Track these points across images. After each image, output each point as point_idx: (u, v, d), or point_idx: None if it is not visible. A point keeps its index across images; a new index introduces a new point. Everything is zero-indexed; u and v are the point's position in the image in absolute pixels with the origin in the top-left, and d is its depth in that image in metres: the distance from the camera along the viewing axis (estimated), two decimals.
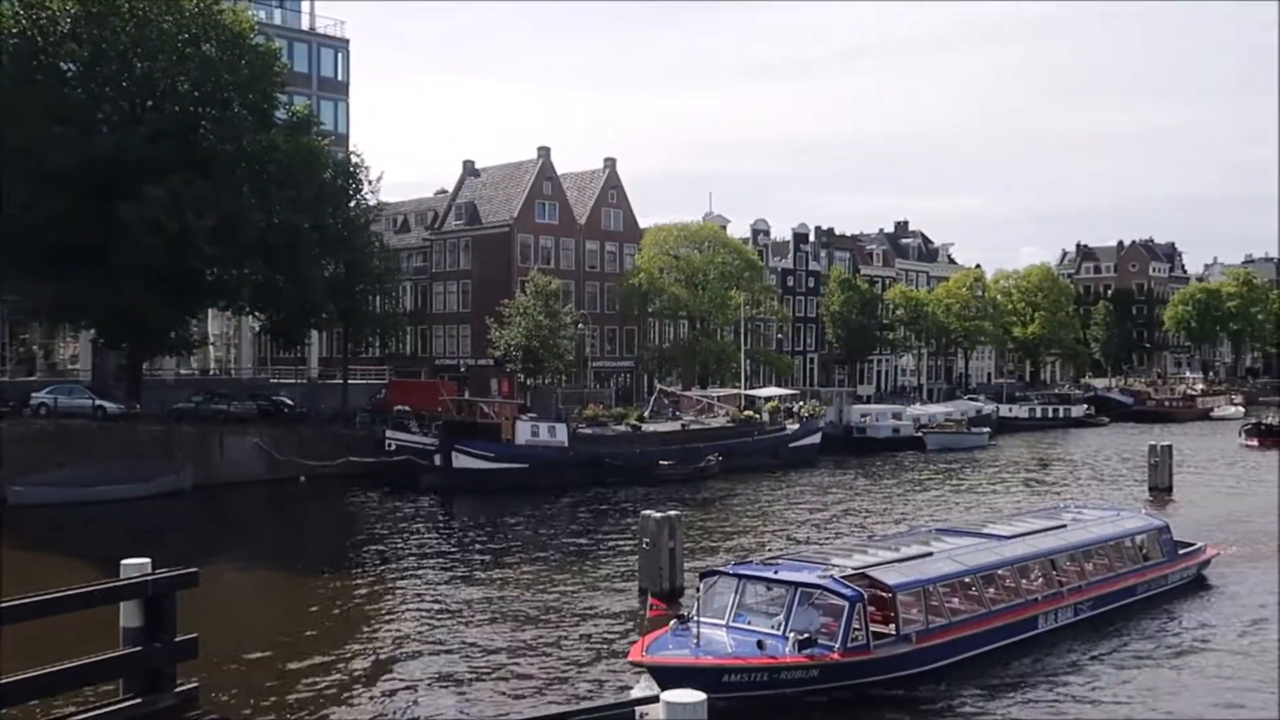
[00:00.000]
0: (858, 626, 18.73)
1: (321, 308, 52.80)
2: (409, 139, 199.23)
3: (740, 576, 20.01)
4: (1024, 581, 23.18)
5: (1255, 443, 69.69)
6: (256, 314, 56.28)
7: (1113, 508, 32.19)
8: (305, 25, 71.16)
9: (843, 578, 19.47)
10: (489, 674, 20.68)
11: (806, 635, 18.23)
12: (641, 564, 26.06)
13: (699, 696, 11.22)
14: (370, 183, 57.01)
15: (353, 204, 56.44)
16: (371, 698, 19.63)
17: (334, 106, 70.30)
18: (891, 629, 19.64)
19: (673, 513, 26.42)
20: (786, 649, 18.06)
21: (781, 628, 18.68)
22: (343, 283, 54.49)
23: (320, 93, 69.41)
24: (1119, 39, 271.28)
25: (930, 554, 22.26)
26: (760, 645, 18.00)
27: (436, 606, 26.38)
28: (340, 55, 72.01)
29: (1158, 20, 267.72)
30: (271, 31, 63.17)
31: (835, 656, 18.34)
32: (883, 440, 70.42)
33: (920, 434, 71.61)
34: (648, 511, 26.49)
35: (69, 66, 46.31)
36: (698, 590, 20.89)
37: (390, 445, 51.21)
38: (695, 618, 19.03)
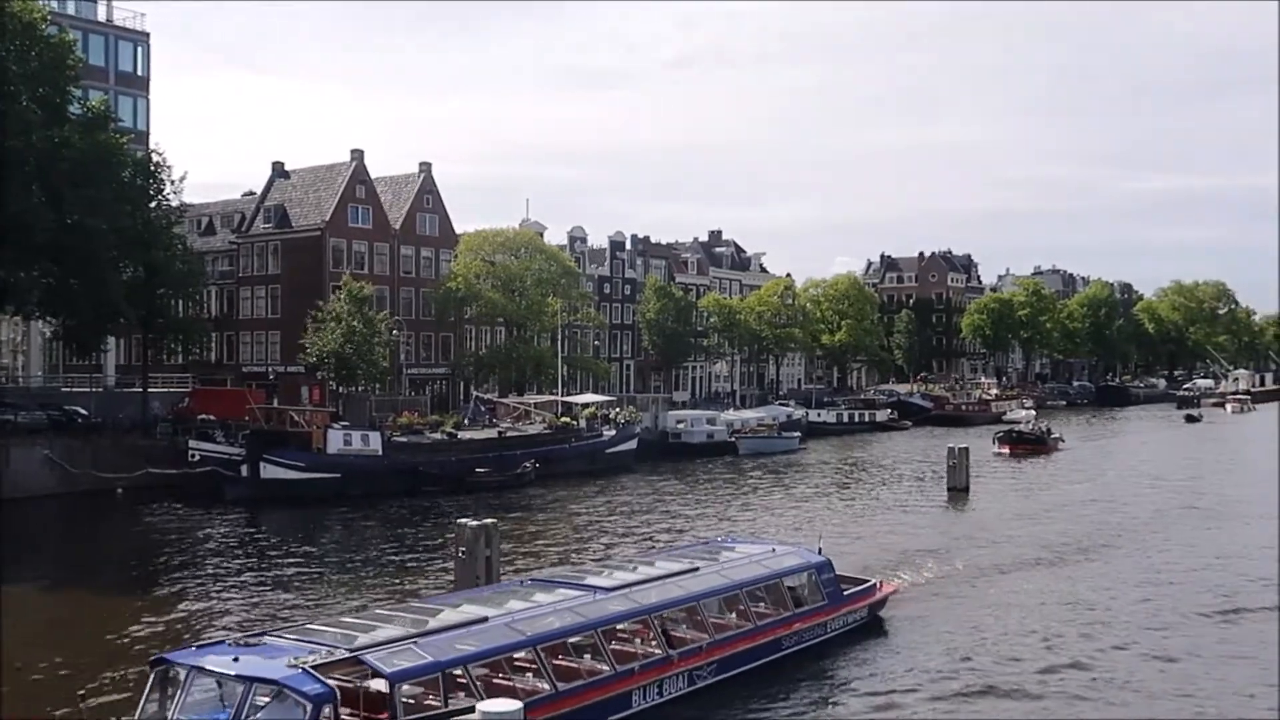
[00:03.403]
0: None
1: (119, 312, 50.83)
2: (215, 139, 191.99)
3: (191, 668, 15.38)
4: (618, 647, 19.05)
5: (1006, 450, 69.99)
6: (47, 319, 53.68)
7: (767, 543, 27.16)
8: (102, 17, 67.79)
9: (321, 665, 14.91)
10: None
11: None
12: (458, 573, 25.84)
13: (514, 705, 10.73)
14: (173, 183, 55.49)
15: (154, 205, 54.62)
16: None
17: (133, 102, 67.28)
18: None
19: (489, 521, 26.24)
20: None
21: None
22: (142, 286, 52.66)
23: (118, 88, 66.26)
24: (922, 59, 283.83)
25: (485, 619, 17.73)
26: None
27: (241, 623, 25.54)
28: (140, 49, 68.94)
29: (957, 43, 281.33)
30: (65, 22, 59.89)
31: None
32: (697, 445, 71.79)
33: (733, 439, 73.19)
34: (464, 520, 26.23)
35: None
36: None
37: (194, 456, 49.41)
38: None
